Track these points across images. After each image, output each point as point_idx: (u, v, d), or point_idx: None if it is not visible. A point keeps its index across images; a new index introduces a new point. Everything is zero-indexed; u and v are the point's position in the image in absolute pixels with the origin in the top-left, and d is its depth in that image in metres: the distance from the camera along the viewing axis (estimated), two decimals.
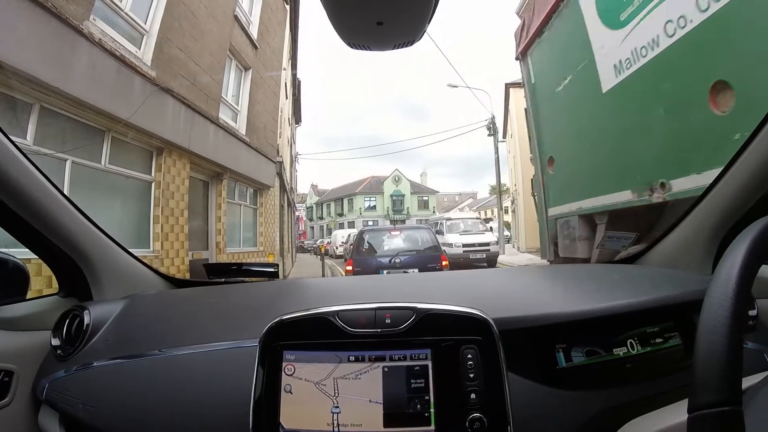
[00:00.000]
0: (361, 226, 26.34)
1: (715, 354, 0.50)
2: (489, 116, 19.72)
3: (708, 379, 0.50)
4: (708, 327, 0.52)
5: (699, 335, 0.53)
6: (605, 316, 0.91)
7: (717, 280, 0.55)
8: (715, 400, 0.48)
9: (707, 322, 0.53)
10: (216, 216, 9.26)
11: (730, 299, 0.52)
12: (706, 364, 0.50)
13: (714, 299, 0.54)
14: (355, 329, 0.83)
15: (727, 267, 0.55)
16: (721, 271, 0.55)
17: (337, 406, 0.79)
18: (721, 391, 0.48)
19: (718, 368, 0.49)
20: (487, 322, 0.83)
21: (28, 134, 4.52)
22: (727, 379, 0.49)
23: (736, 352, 0.50)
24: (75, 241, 1.17)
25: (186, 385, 0.92)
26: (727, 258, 0.56)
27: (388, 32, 0.78)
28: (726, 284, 0.53)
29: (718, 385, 0.49)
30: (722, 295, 0.53)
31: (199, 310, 1.24)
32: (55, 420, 0.99)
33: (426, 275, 2.38)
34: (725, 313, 0.52)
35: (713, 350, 0.50)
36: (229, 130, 9.38)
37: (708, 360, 0.50)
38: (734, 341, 0.50)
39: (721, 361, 0.49)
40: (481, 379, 0.79)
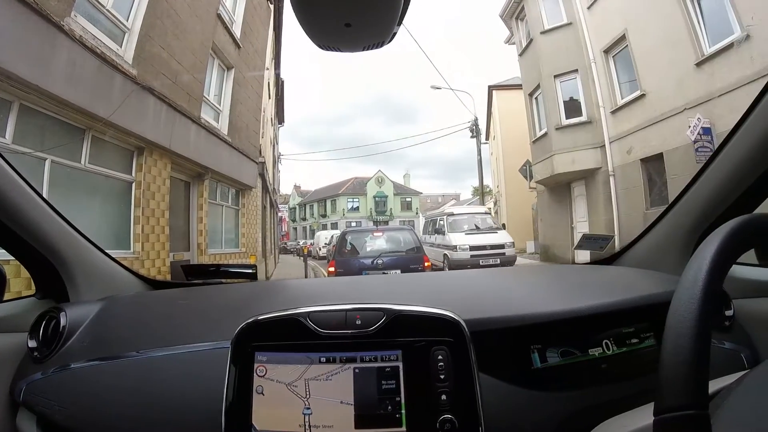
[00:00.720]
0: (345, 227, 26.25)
1: (680, 356, 0.50)
2: (472, 118, 19.83)
3: (673, 382, 0.49)
4: (674, 329, 0.52)
5: (665, 337, 0.52)
6: (580, 316, 0.92)
7: (684, 281, 0.55)
8: (679, 404, 0.48)
9: (673, 324, 0.52)
10: (197, 217, 9.17)
11: (696, 300, 0.52)
12: (671, 366, 0.50)
13: (680, 301, 0.53)
14: (326, 330, 0.84)
15: (695, 268, 0.55)
16: (688, 273, 0.55)
17: (309, 407, 0.79)
18: (686, 394, 0.48)
19: (684, 371, 0.49)
20: (457, 323, 0.83)
21: (6, 133, 4.42)
22: (693, 381, 0.48)
23: (703, 354, 0.49)
24: (50, 241, 1.16)
25: (162, 386, 0.92)
26: (695, 259, 0.56)
27: (356, 34, 0.79)
28: (693, 285, 0.53)
29: (683, 388, 0.48)
30: (689, 297, 0.52)
31: (177, 311, 1.24)
32: (33, 423, 0.99)
33: (405, 276, 2.40)
34: (691, 315, 0.51)
35: (679, 352, 0.50)
36: (211, 130, 9.31)
37: (673, 362, 0.50)
38: (700, 343, 0.49)
39: (687, 364, 0.49)
40: (452, 380, 0.79)
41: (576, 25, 12.49)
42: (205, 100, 9.12)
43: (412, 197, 53.50)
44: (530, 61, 14.35)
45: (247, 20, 11.38)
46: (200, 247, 9.09)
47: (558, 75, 13.10)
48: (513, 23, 15.83)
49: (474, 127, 19.73)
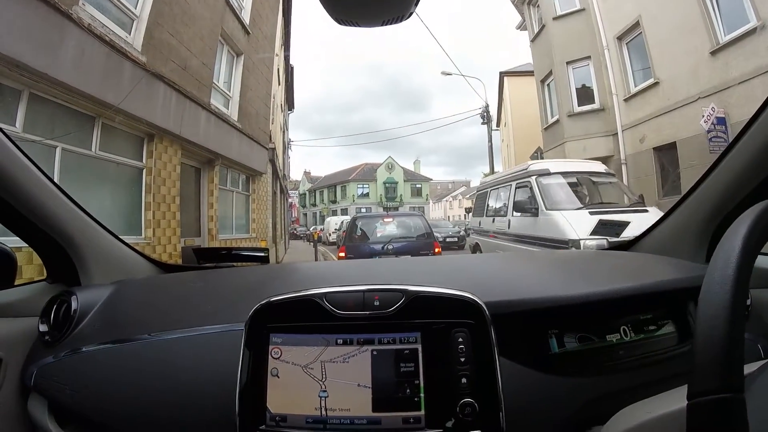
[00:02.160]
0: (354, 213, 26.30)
1: (715, 338, 0.48)
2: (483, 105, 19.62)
3: (708, 365, 0.47)
4: (707, 311, 0.50)
5: (699, 319, 0.51)
6: (598, 301, 0.89)
7: (716, 262, 0.53)
8: (715, 387, 0.46)
9: (707, 306, 0.50)
10: (208, 203, 9.23)
11: (730, 281, 0.50)
12: (707, 349, 0.48)
13: (713, 282, 0.51)
14: (343, 312, 0.82)
15: (727, 249, 0.53)
16: (720, 254, 0.53)
17: (325, 390, 0.77)
18: (722, 377, 0.46)
19: (720, 353, 0.47)
20: (478, 305, 0.82)
21: (17, 121, 4.47)
22: (729, 364, 0.47)
23: (738, 336, 0.48)
24: (61, 225, 1.14)
25: (174, 369, 0.90)
26: (726, 240, 0.54)
27: (376, 7, 0.76)
28: (726, 266, 0.51)
29: (719, 371, 0.47)
30: (722, 278, 0.50)
31: (189, 294, 1.22)
32: (44, 407, 0.98)
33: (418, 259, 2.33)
34: (726, 296, 0.49)
35: (714, 334, 0.48)
36: (221, 116, 9.32)
37: (708, 344, 0.48)
38: (736, 325, 0.48)
39: (723, 346, 0.47)
40: (472, 364, 0.78)
41: (589, 11, 12.24)
42: (214, 86, 9.12)
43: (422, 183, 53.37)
44: (542, 48, 14.12)
45: (256, 6, 11.31)
46: (211, 233, 9.17)
47: (570, 61, 12.88)
48: (525, 9, 15.56)
49: (485, 113, 19.52)
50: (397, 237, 7.43)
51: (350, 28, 0.82)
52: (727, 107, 8.12)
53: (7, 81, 4.35)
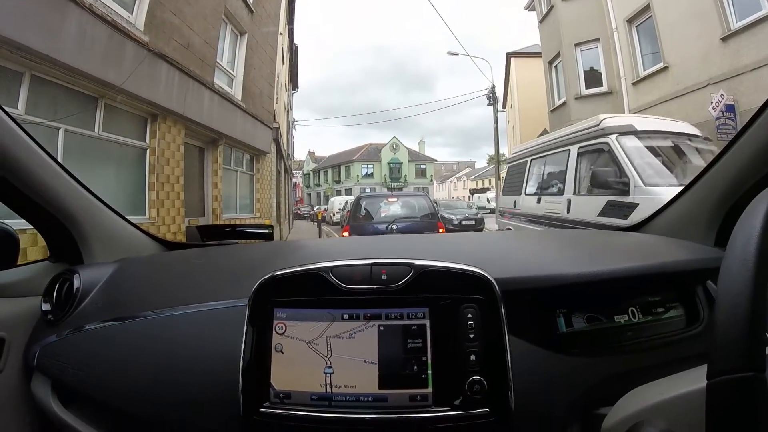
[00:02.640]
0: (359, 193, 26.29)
1: (738, 316, 0.46)
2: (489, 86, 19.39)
3: (730, 343, 0.46)
4: (730, 288, 0.49)
5: (719, 297, 0.50)
6: (608, 280, 0.88)
7: (736, 240, 0.52)
8: (738, 366, 0.45)
9: (728, 283, 0.49)
10: (212, 182, 9.23)
11: (752, 258, 0.48)
12: (728, 327, 0.47)
13: (735, 259, 0.50)
14: (349, 286, 0.80)
15: (747, 226, 0.51)
16: (740, 231, 0.52)
17: (330, 366, 0.76)
18: (745, 356, 0.45)
19: (742, 331, 0.46)
20: (488, 280, 0.80)
21: (19, 104, 4.46)
22: (752, 343, 0.45)
23: (761, 314, 0.46)
24: (62, 203, 1.12)
25: (178, 345, 0.89)
26: (746, 218, 0.53)
27: None
28: (747, 244, 0.50)
29: (741, 350, 0.45)
30: (743, 255, 0.49)
31: (193, 270, 1.21)
32: (48, 387, 0.97)
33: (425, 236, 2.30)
34: (748, 274, 0.48)
35: (736, 312, 0.47)
36: (225, 96, 9.26)
37: (730, 322, 0.47)
38: (758, 303, 0.46)
39: (745, 324, 0.46)
40: (482, 341, 0.76)
41: None
42: (218, 65, 9.04)
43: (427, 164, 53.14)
44: (551, 29, 13.88)
45: None
46: (215, 213, 9.18)
47: (579, 43, 12.68)
48: None
49: (491, 94, 19.32)
50: (401, 217, 7.37)
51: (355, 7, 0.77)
52: (736, 94, 8.00)
53: (9, 63, 4.33)
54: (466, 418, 0.73)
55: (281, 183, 16.76)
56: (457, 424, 0.74)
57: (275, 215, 13.90)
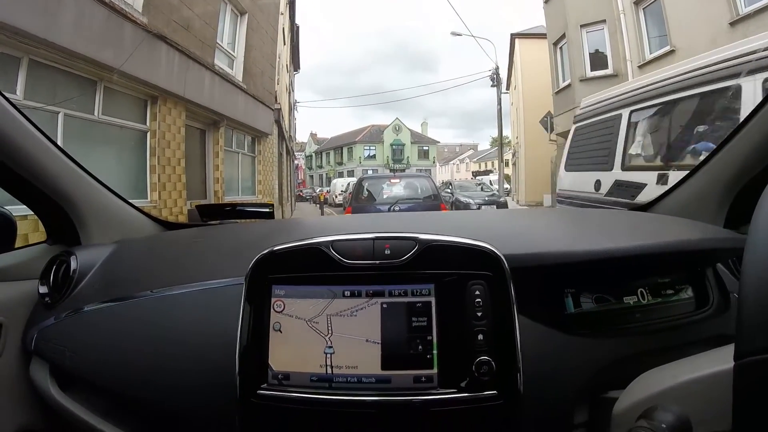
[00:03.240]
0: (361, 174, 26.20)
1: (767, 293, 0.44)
2: (493, 67, 19.18)
3: (760, 322, 0.44)
4: (756, 266, 0.46)
5: (745, 273, 0.47)
6: (618, 257, 0.83)
7: (760, 218, 0.49)
8: None
9: (755, 261, 0.47)
10: (213, 164, 9.21)
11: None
12: (757, 305, 0.44)
13: (760, 236, 0.48)
14: (351, 261, 0.77)
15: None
16: (763, 209, 0.50)
17: (331, 346, 0.73)
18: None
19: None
20: (497, 256, 0.76)
21: (17, 88, 4.44)
22: None
23: None
24: (59, 184, 1.10)
25: (175, 325, 0.88)
26: None
27: None
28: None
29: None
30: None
31: (192, 250, 1.19)
32: (46, 371, 0.96)
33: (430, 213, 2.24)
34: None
35: (765, 291, 0.44)
36: (225, 77, 9.18)
37: (759, 299, 0.44)
38: None
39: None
40: (490, 319, 0.73)
41: None
42: (218, 46, 8.94)
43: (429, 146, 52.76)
44: (556, 9, 13.63)
45: None
46: (217, 195, 9.17)
47: (585, 25, 12.44)
48: None
49: (495, 76, 19.11)
50: (403, 198, 7.36)
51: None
52: None
53: (6, 48, 4.30)
54: (473, 401, 0.71)
55: (283, 165, 16.71)
56: (464, 407, 0.71)
57: (277, 197, 13.89)
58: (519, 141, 23.15)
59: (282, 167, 15.92)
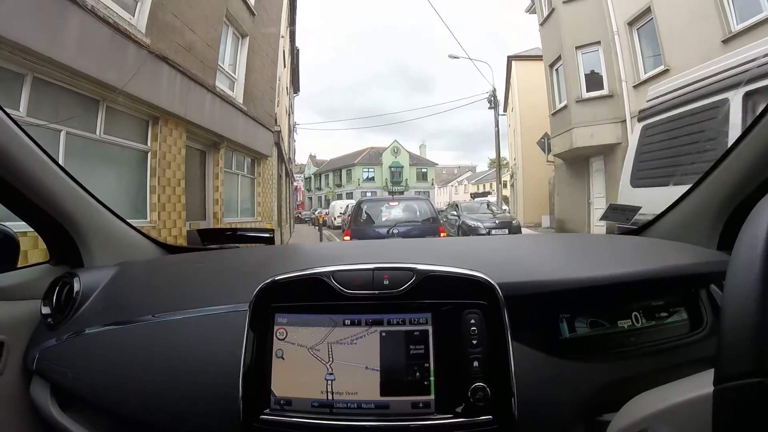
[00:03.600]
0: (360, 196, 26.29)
1: (745, 319, 0.45)
2: (490, 89, 19.45)
3: (738, 348, 0.45)
4: (736, 291, 0.48)
5: (726, 300, 0.49)
6: (611, 284, 0.87)
7: (742, 243, 0.51)
8: (745, 371, 0.44)
9: (735, 286, 0.48)
10: (213, 185, 9.22)
11: (758, 261, 0.47)
12: (736, 332, 0.46)
13: (741, 262, 0.49)
14: (351, 291, 0.79)
15: (752, 229, 0.50)
16: (746, 234, 0.51)
17: (332, 372, 0.76)
18: (753, 360, 0.44)
19: (750, 335, 0.44)
20: (491, 285, 0.79)
21: (21, 105, 4.46)
22: (760, 347, 0.44)
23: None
24: (63, 206, 1.12)
25: (177, 350, 0.89)
26: (752, 221, 0.52)
27: None
28: (753, 246, 0.49)
29: (749, 354, 0.44)
30: (750, 257, 0.48)
31: (193, 274, 1.20)
32: (47, 391, 0.97)
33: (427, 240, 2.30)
34: (754, 276, 0.46)
35: (743, 315, 0.46)
36: (226, 99, 9.26)
37: (737, 326, 0.46)
38: (765, 306, 0.45)
39: (754, 327, 0.44)
40: (485, 347, 0.75)
41: None
42: (219, 68, 9.05)
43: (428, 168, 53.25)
44: (551, 32, 13.91)
45: None
46: (216, 216, 9.16)
47: (580, 46, 12.69)
48: None
49: (492, 98, 19.38)
50: (402, 221, 7.34)
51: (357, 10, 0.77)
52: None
53: (11, 65, 4.34)
54: (469, 426, 0.73)
55: (282, 186, 16.77)
56: (460, 431, 0.73)
57: (276, 219, 13.89)
58: (517, 162, 23.36)
59: (281, 189, 15.97)
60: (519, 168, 22.48)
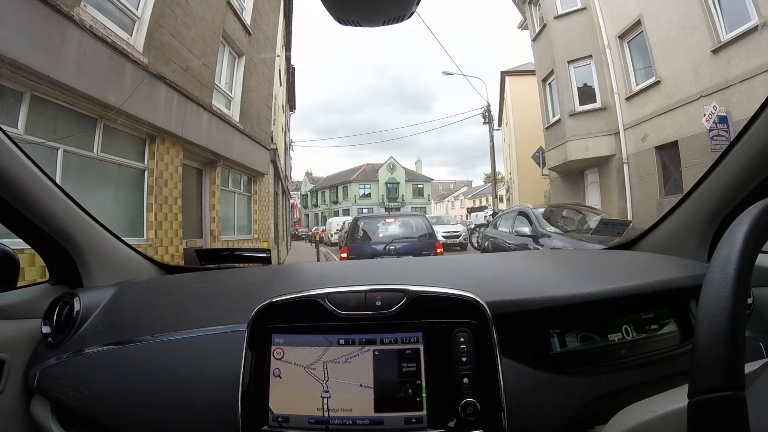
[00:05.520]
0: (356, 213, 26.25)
1: (716, 336, 0.48)
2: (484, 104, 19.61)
3: (709, 363, 0.47)
4: (708, 308, 0.50)
5: (699, 317, 0.51)
6: (601, 300, 0.89)
7: (716, 261, 0.52)
8: (716, 385, 0.46)
9: (707, 304, 0.50)
10: (210, 204, 9.23)
11: (731, 280, 0.49)
12: (707, 347, 0.48)
13: (714, 281, 0.51)
14: (345, 312, 0.82)
15: (727, 248, 0.52)
16: (720, 252, 0.53)
17: (327, 390, 0.78)
18: (723, 375, 0.46)
19: (720, 351, 0.47)
20: (479, 305, 0.81)
21: (19, 123, 4.47)
22: (730, 362, 0.46)
23: (738, 334, 0.48)
24: (63, 226, 1.14)
25: (177, 370, 0.90)
26: (727, 238, 0.54)
27: (377, 6, 0.76)
28: (726, 265, 0.51)
29: (720, 369, 0.46)
30: (722, 276, 0.50)
31: (191, 295, 1.22)
32: (47, 409, 0.98)
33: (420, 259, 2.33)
34: (726, 295, 0.49)
35: (714, 332, 0.48)
36: (223, 117, 9.33)
37: (709, 343, 0.48)
38: (736, 323, 0.48)
39: (724, 344, 0.47)
40: (474, 363, 0.78)
41: (590, 9, 12.27)
42: (216, 87, 9.13)
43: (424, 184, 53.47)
44: (544, 47, 14.13)
45: (257, 7, 11.31)
46: (213, 234, 9.16)
47: (572, 61, 12.89)
48: (526, 8, 15.58)
49: (486, 113, 19.51)
50: (399, 237, 7.33)
51: (353, 29, 0.82)
52: (728, 106, 8.11)
53: (9, 83, 4.36)
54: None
55: (279, 204, 16.77)
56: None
57: (273, 236, 13.87)
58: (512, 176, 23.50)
59: (278, 206, 15.97)
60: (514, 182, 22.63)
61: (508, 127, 23.57)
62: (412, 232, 7.68)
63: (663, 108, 10.05)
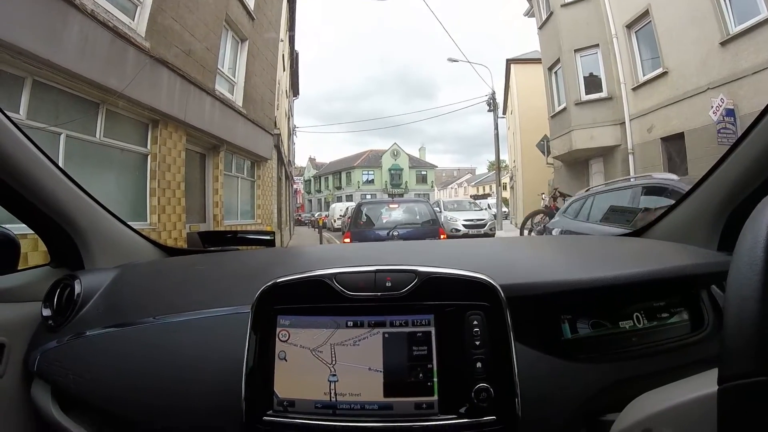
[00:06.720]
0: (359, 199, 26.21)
1: (748, 320, 0.46)
2: (489, 92, 19.47)
3: (740, 348, 0.46)
4: (738, 292, 0.48)
5: (728, 301, 0.49)
6: (612, 285, 0.87)
7: (743, 245, 0.51)
8: (750, 370, 0.44)
9: (736, 288, 0.49)
10: (213, 188, 9.24)
11: (760, 262, 0.47)
12: (739, 331, 0.46)
13: (742, 264, 0.49)
14: (353, 293, 0.79)
15: (754, 230, 0.50)
16: (746, 236, 0.51)
17: (335, 374, 0.76)
18: (755, 360, 0.44)
19: (754, 335, 0.45)
20: (493, 287, 0.79)
21: (20, 108, 4.47)
22: (762, 347, 0.44)
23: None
24: (64, 208, 1.12)
25: (179, 352, 0.88)
26: (753, 221, 0.52)
27: None
28: (753, 247, 0.49)
29: (751, 354, 0.45)
30: (750, 259, 0.48)
31: (194, 277, 1.20)
32: (47, 393, 0.96)
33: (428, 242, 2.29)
34: (756, 277, 0.47)
35: (744, 316, 0.46)
36: (226, 102, 9.29)
37: (741, 326, 0.46)
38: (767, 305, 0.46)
39: (757, 327, 0.45)
40: (488, 348, 0.75)
41: None
42: (219, 72, 9.09)
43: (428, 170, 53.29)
44: (550, 35, 13.95)
45: None
46: (216, 219, 9.18)
47: (578, 49, 12.73)
48: None
49: (491, 101, 19.39)
50: (402, 223, 7.31)
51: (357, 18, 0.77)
52: (736, 99, 8.01)
53: (11, 68, 4.35)
54: (472, 426, 0.73)
55: (282, 189, 16.78)
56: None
57: (276, 221, 13.89)
58: (516, 165, 23.37)
59: (281, 192, 15.98)
60: (518, 170, 22.51)
61: (513, 115, 23.39)
62: (416, 218, 7.64)
63: (670, 99, 9.94)
